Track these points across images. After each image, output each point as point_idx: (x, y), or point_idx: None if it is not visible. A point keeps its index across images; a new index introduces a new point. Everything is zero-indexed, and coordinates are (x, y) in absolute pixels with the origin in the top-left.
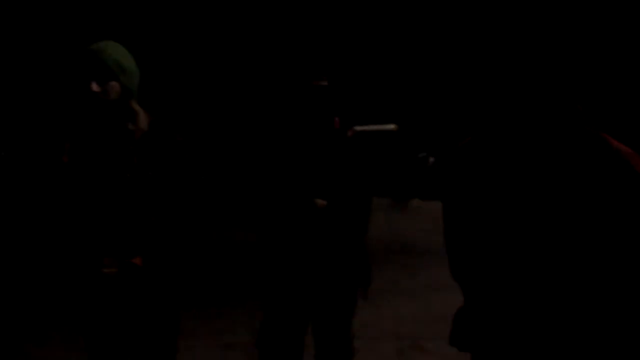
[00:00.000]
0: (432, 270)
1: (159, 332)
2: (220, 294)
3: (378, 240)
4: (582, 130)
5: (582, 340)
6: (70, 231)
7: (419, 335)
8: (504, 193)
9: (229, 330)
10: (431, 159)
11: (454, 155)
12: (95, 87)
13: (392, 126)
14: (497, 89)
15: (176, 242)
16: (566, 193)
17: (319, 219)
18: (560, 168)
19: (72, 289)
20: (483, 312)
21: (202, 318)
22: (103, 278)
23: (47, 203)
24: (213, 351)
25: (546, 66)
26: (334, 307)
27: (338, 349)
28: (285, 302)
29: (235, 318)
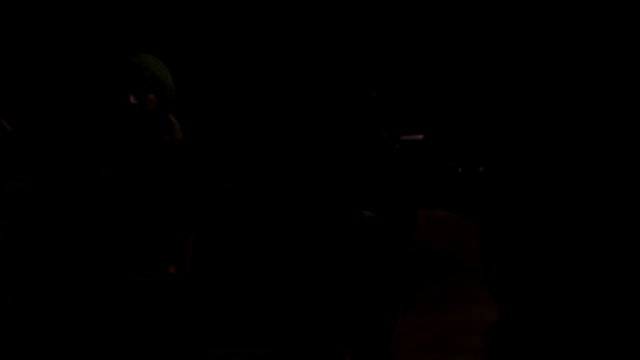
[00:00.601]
0: (460, 281)
1: (188, 340)
2: (242, 302)
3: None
4: (636, 147)
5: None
6: (105, 239)
7: (448, 347)
8: (558, 209)
9: (253, 339)
10: (459, 169)
11: (500, 168)
12: (133, 99)
13: (419, 136)
14: (546, 101)
15: (209, 250)
16: (619, 211)
17: (366, 230)
18: (612, 185)
19: (105, 295)
20: (521, 326)
21: (225, 327)
22: (137, 285)
23: (83, 211)
24: None
25: (601, 81)
26: (375, 318)
27: None
28: (326, 312)
29: (259, 327)
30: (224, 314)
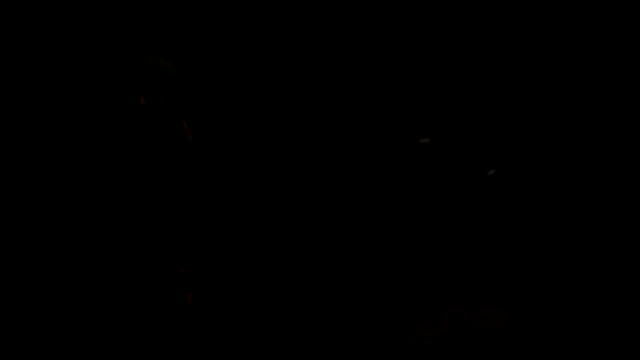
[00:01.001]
0: (466, 284)
1: (194, 341)
2: (251, 303)
3: None
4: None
5: None
6: (114, 240)
7: (451, 349)
8: (568, 212)
9: (260, 340)
10: (466, 173)
11: (510, 172)
12: (143, 101)
13: (426, 140)
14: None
15: (220, 253)
16: (626, 213)
17: (387, 233)
18: (618, 189)
19: (113, 296)
20: (531, 329)
21: (231, 328)
22: (146, 287)
23: (93, 211)
24: None
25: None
26: (390, 319)
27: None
28: (340, 313)
29: (266, 328)
30: (231, 314)
